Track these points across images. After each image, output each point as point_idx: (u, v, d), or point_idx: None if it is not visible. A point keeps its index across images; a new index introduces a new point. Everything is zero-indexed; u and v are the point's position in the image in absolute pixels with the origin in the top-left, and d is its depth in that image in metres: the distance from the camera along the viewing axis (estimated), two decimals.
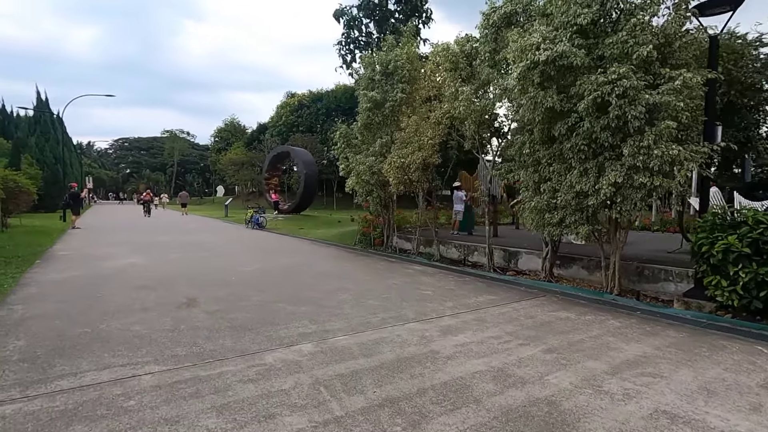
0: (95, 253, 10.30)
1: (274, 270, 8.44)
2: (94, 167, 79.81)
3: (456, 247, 10.25)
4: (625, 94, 5.30)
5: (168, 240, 13.69)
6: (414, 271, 8.73)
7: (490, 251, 8.77)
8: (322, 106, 48.39)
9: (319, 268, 8.84)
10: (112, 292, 6.25)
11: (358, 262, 9.89)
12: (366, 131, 11.35)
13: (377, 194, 11.06)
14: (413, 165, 9.39)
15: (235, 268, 8.49)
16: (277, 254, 10.97)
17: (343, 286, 6.96)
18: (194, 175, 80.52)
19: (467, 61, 8.20)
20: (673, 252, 8.10)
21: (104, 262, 9.03)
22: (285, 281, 7.33)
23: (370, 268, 8.92)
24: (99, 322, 4.79)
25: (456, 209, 12.23)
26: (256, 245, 13.02)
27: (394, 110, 10.61)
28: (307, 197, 26.05)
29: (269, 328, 4.67)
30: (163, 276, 7.55)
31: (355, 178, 11.15)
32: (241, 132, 65.93)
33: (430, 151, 9.35)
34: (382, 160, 10.71)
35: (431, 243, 11.00)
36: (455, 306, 5.82)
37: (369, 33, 16.88)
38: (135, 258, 9.68)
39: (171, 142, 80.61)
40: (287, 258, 10.25)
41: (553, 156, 6.77)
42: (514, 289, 7.13)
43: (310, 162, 25.98)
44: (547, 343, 4.33)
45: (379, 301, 6.04)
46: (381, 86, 10.68)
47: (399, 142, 10.02)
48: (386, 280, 7.58)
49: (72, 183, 18.65)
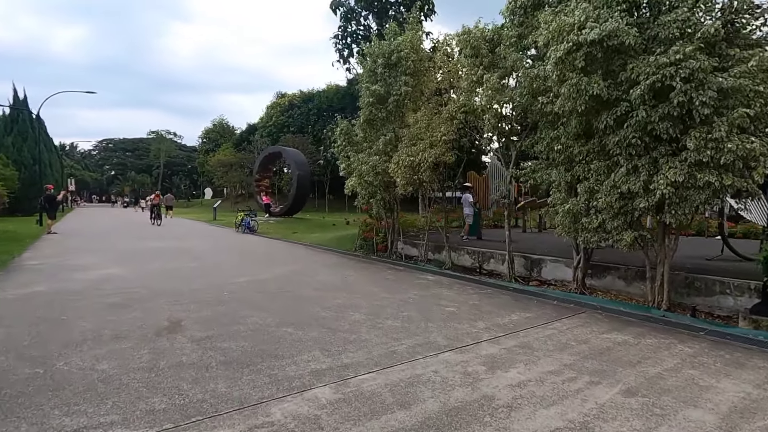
0: (68, 263, 9.22)
1: (270, 282, 7.49)
2: (77, 169, 77.47)
3: (469, 253, 9.40)
4: (692, 77, 4.51)
5: (152, 247, 12.60)
6: (427, 281, 7.86)
7: (510, 259, 7.94)
8: (313, 106, 47.40)
9: (320, 278, 7.91)
10: (80, 314, 5.25)
11: (363, 270, 8.98)
12: (368, 128, 10.46)
13: (381, 196, 10.17)
14: (424, 164, 8.52)
15: (227, 280, 7.51)
16: (271, 262, 10.00)
17: (352, 302, 6.05)
18: (181, 177, 78.67)
19: (489, 47, 7.37)
20: (713, 259, 7.35)
21: (77, 273, 7.97)
22: (284, 296, 6.39)
23: (377, 279, 8.02)
24: (57, 358, 3.81)
25: (465, 212, 11.39)
26: (249, 252, 12.03)
27: (398, 105, 9.74)
28: (299, 199, 25.03)
29: (272, 363, 3.74)
30: (144, 291, 6.56)
31: (357, 179, 10.24)
32: (229, 133, 64.47)
33: (443, 148, 8.49)
34: (386, 159, 9.83)
35: (441, 249, 10.14)
36: (489, 327, 4.96)
37: (367, 26, 16.04)
38: (113, 268, 8.63)
39: (157, 143, 78.67)
40: (283, 266, 9.29)
41: (591, 152, 5.97)
42: (546, 303, 6.30)
43: (303, 163, 24.98)
44: (622, 381, 3.48)
45: (399, 321, 5.15)
46: (384, 79, 9.81)
47: (407, 139, 9.15)
48: (400, 294, 6.69)
49: (48, 185, 17.41)
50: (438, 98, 9.89)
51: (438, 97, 10.19)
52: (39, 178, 21.99)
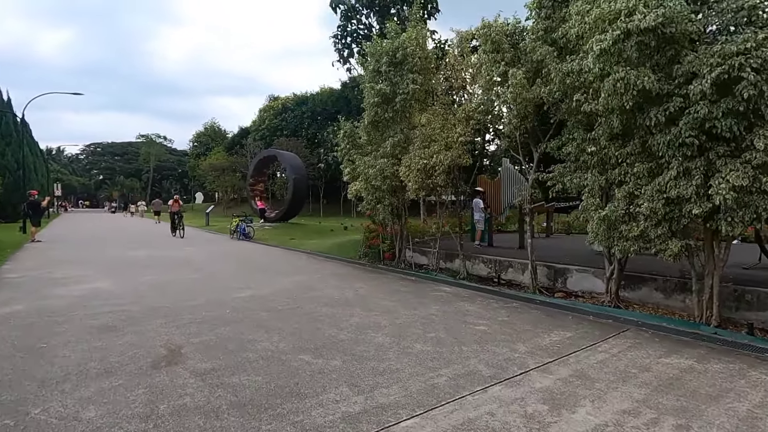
0: (52, 276, 8.48)
1: (276, 296, 6.85)
2: (63, 173, 75.77)
3: (485, 262, 8.85)
4: (764, 67, 4.01)
5: (143, 256, 11.86)
6: (445, 294, 7.27)
7: (533, 268, 7.39)
8: (307, 109, 46.79)
9: (329, 291, 7.29)
10: (63, 339, 4.57)
11: (373, 282, 8.37)
12: (374, 130, 9.89)
13: (389, 201, 9.58)
14: (439, 167, 7.96)
15: (228, 295, 6.86)
16: (273, 272, 9.35)
17: (371, 320, 5.45)
18: (171, 182, 77.34)
19: (511, 42, 6.85)
20: (751, 267, 6.89)
21: (61, 288, 7.25)
22: (294, 314, 5.76)
23: (391, 291, 7.42)
24: (32, 402, 3.15)
25: (476, 218, 10.86)
26: (247, 261, 11.35)
27: (405, 104, 9.18)
28: (295, 204, 24.35)
29: (295, 406, 3.12)
30: (136, 309, 5.88)
31: (364, 183, 9.65)
32: (221, 136, 63.46)
33: (459, 150, 7.95)
34: (395, 162, 9.27)
35: (453, 257, 9.58)
36: (532, 351, 4.38)
37: (369, 25, 15.56)
38: (101, 282, 7.92)
39: (147, 147, 77.33)
40: (287, 277, 8.65)
41: (632, 154, 5.46)
42: (582, 319, 5.75)
43: (299, 166, 24.32)
44: (715, 423, 2.93)
45: (429, 344, 4.55)
46: (389, 78, 9.24)
47: (418, 141, 8.59)
48: (420, 309, 6.09)
49: (31, 190, 16.53)
50: (446, 98, 9.37)
51: (446, 97, 9.68)
52: (23, 183, 21.04)
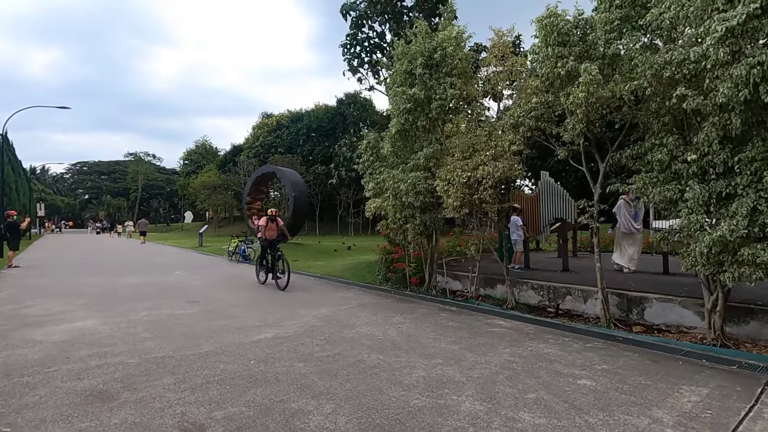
0: (27, 312, 7.12)
1: (305, 337, 5.62)
2: (47, 193, 73.38)
3: (535, 289, 7.73)
4: None
5: (136, 284, 10.50)
6: (505, 330, 6.11)
7: (605, 297, 6.30)
8: (302, 125, 45.95)
9: (367, 329, 6.08)
10: (35, 417, 3.29)
11: (410, 314, 7.18)
12: (401, 140, 8.85)
13: (420, 219, 8.47)
14: (488, 180, 6.91)
15: (246, 336, 5.61)
16: (291, 303, 8.09)
17: (440, 373, 4.26)
18: (160, 201, 75.30)
19: (579, 34, 5.92)
20: None
21: (37, 331, 5.92)
22: (339, 364, 4.54)
23: (439, 327, 6.24)
24: None
25: (514, 238, 9.78)
26: (254, 289, 10.06)
27: (443, 111, 8.21)
28: (296, 223, 23.07)
29: None
30: (134, 361, 4.61)
31: (391, 200, 8.54)
32: (212, 154, 62.17)
33: (510, 161, 6.93)
34: (429, 175, 8.22)
35: (493, 283, 8.46)
36: (680, 422, 3.24)
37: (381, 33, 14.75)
38: (87, 319, 6.59)
39: (135, 166, 75.55)
40: (308, 309, 7.41)
41: (756, 159, 4.46)
42: (692, 364, 4.63)
43: (299, 183, 23.16)
44: None
45: (538, 413, 3.38)
46: (424, 81, 8.27)
47: (458, 152, 7.55)
48: (490, 353, 4.92)
49: (9, 211, 15.08)
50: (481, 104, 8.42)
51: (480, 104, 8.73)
52: (0, 202, 19.49)
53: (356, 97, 44.60)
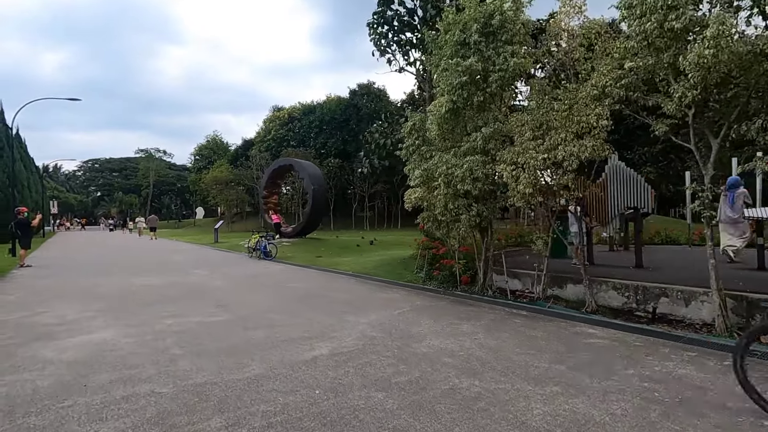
0: (37, 321, 6.23)
1: (368, 353, 4.62)
2: (60, 191, 73.50)
3: (617, 289, 6.65)
4: None
5: (155, 285, 9.61)
6: (608, 342, 5.05)
7: (722, 301, 5.21)
8: (315, 118, 44.94)
9: (438, 342, 5.06)
10: None
11: (478, 321, 6.14)
12: (453, 119, 7.78)
13: (477, 210, 7.42)
14: (571, 163, 5.82)
15: (295, 353, 4.63)
16: (334, 308, 7.11)
17: (569, 410, 3.23)
18: (171, 197, 75.07)
19: None
20: None
21: (48, 345, 5.01)
22: (427, 393, 3.53)
23: (524, 340, 5.20)
24: None
25: (573, 230, 8.69)
26: (286, 290, 9.11)
27: (504, 84, 7.12)
28: (314, 217, 22.14)
29: None
30: (167, 390, 3.65)
31: (443, 188, 7.49)
32: (223, 149, 61.51)
33: (599, 138, 5.83)
34: (486, 159, 7.16)
35: (561, 282, 7.40)
36: None
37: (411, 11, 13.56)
38: (106, 329, 5.68)
39: (146, 162, 75.27)
40: (358, 316, 6.42)
41: None
42: None
43: (318, 176, 22.17)
44: None
45: None
46: (480, 51, 7.19)
47: (529, 130, 6.47)
48: (616, 380, 3.87)
49: (20, 208, 14.31)
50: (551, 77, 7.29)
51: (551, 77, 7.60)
52: (13, 200, 18.83)
53: (370, 88, 43.44)
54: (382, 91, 43.81)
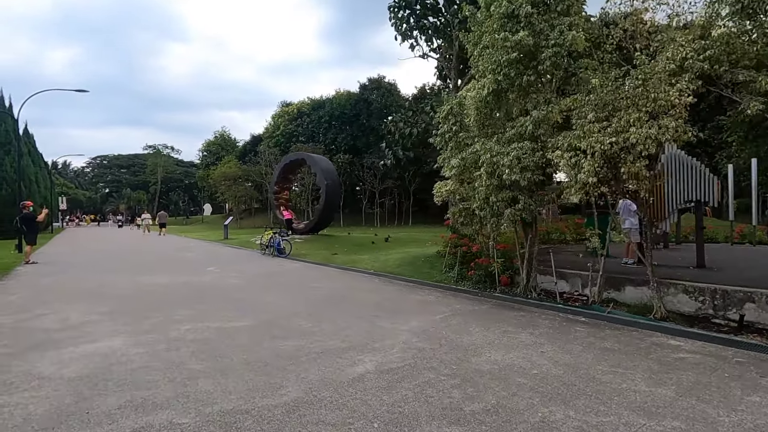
0: (37, 325, 5.56)
1: (423, 371, 3.89)
2: (69, 187, 73.49)
3: (689, 292, 5.85)
4: None
5: (166, 284, 8.95)
6: (702, 358, 4.27)
7: None
8: (324, 113, 44.18)
9: (498, 356, 4.32)
10: None
11: (537, 330, 5.38)
12: (495, 102, 7.00)
13: (523, 204, 6.64)
14: (648, 146, 5.03)
15: (337, 369, 3.91)
16: (364, 312, 6.39)
17: None
18: (179, 193, 74.78)
19: None
20: None
21: (48, 356, 4.33)
22: (516, 430, 2.79)
23: (602, 354, 4.43)
24: None
25: (625, 226, 7.89)
26: (307, 290, 8.40)
27: (559, 62, 6.32)
28: (327, 213, 21.44)
29: None
30: (188, 423, 2.94)
31: (485, 179, 6.72)
32: (231, 145, 61.01)
33: (680, 119, 5.02)
34: (535, 146, 6.38)
35: (618, 284, 6.61)
36: None
37: None
38: (114, 337, 4.99)
39: (154, 158, 74.98)
40: (396, 322, 5.68)
41: None
42: None
43: (331, 171, 21.44)
44: None
45: None
46: (531, 24, 6.40)
47: (592, 112, 5.67)
48: (742, 410, 3.10)
49: (25, 202, 13.72)
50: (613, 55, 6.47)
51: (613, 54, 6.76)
52: (18, 194, 18.32)
53: (380, 83, 42.61)
54: (393, 85, 42.99)
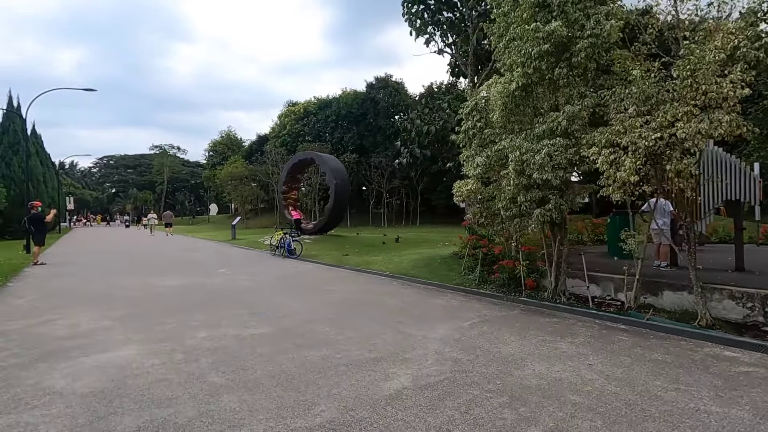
0: (47, 332, 5.29)
1: (465, 386, 3.56)
2: (76, 187, 73.80)
3: (736, 298, 5.48)
4: None
5: (178, 287, 8.69)
6: (765, 372, 3.92)
7: None
8: (331, 112, 43.90)
9: (543, 370, 3.98)
10: None
11: (576, 339, 5.03)
12: (525, 97, 6.66)
13: (554, 203, 6.29)
14: (695, 143, 4.67)
15: (370, 384, 3.60)
16: (389, 318, 6.07)
17: None
18: (185, 193, 74.89)
19: None
20: None
21: (57, 366, 4.05)
22: None
23: (656, 368, 4.08)
24: None
25: (654, 228, 7.50)
26: (323, 293, 8.10)
27: (594, 53, 5.96)
28: (337, 213, 21.14)
29: None
30: None
31: (514, 178, 6.39)
32: (237, 145, 60.90)
33: (732, 113, 4.66)
34: (570, 143, 6.04)
35: (655, 288, 6.24)
36: None
37: None
38: (127, 346, 4.71)
39: (160, 158, 75.14)
40: (421, 329, 5.36)
41: None
42: None
43: (340, 170, 21.13)
44: None
45: None
46: (565, 13, 6.05)
47: (632, 105, 5.30)
48: None
49: (33, 202, 13.53)
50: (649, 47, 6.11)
51: None
52: (26, 194, 18.17)
53: (387, 81, 42.26)
54: (400, 84, 42.64)
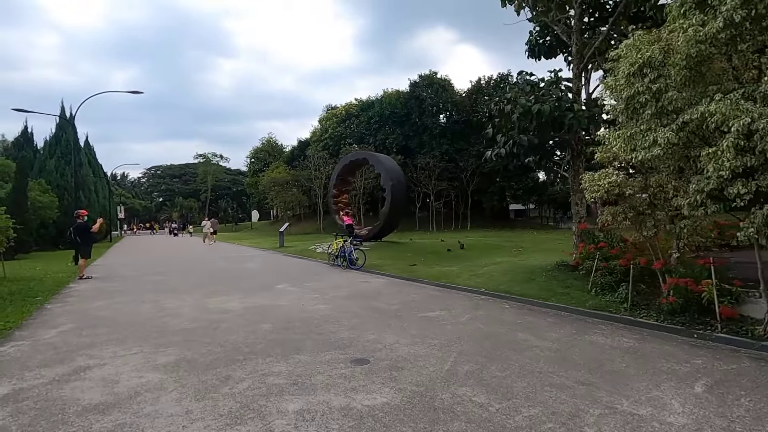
0: (75, 394, 3.70)
1: None
2: (127, 197, 76.60)
3: None
4: None
5: (240, 311, 7.09)
6: None
7: None
8: (374, 113, 42.45)
9: None
10: None
11: None
12: (730, 45, 4.52)
13: None
14: None
15: None
16: (560, 380, 4.09)
17: None
18: (228, 201, 75.99)
19: None
20: None
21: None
22: None
23: None
24: None
25: None
26: (427, 323, 6.22)
27: None
28: (393, 218, 19.34)
29: None
30: None
31: (731, 157, 4.25)
32: (278, 151, 60.81)
33: None
34: None
35: None
36: None
37: None
38: (185, 425, 3.01)
39: (204, 167, 76.73)
40: (630, 398, 3.35)
41: None
42: None
43: (396, 170, 19.36)
44: None
45: None
46: None
47: None
48: None
49: (79, 210, 12.56)
50: None
51: None
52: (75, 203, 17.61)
53: (432, 79, 40.36)
54: (446, 80, 40.57)
